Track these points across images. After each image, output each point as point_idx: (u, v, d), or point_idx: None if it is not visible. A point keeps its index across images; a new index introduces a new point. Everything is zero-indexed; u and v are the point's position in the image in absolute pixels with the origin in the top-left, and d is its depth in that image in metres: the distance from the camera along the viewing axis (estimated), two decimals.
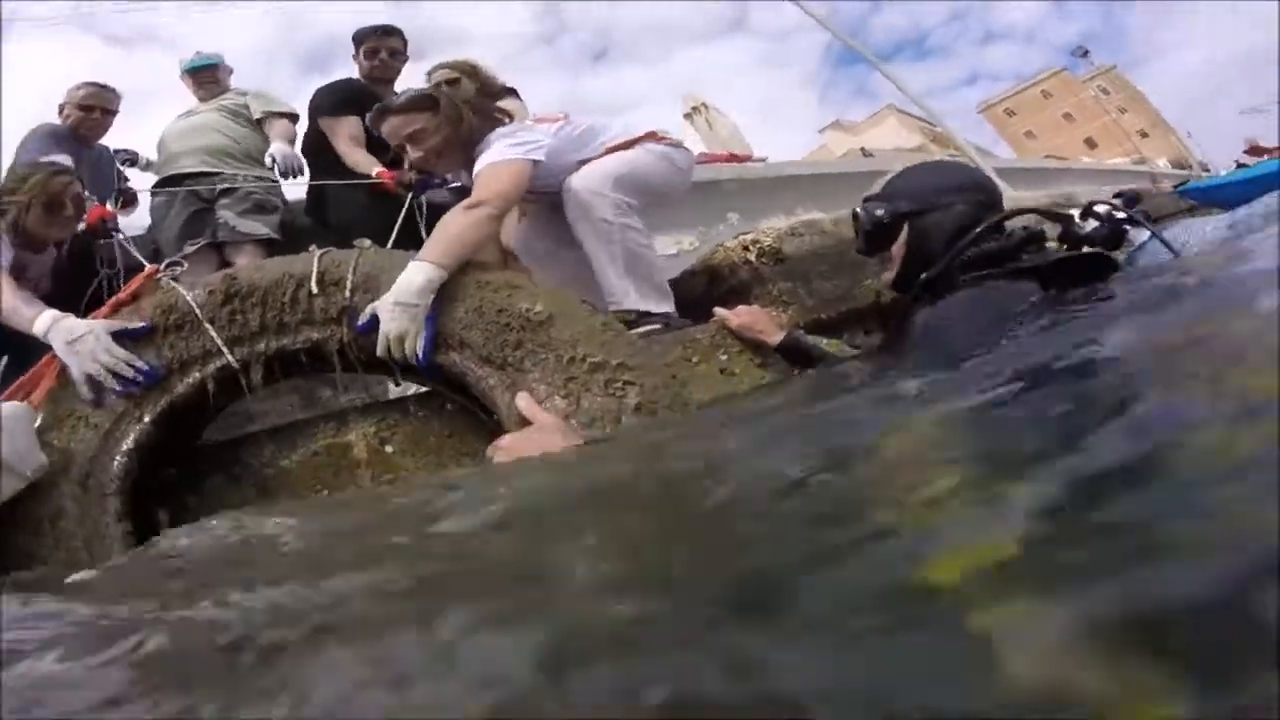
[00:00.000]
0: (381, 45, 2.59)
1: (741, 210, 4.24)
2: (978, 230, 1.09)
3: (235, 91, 2.84)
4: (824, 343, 1.58)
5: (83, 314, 1.43)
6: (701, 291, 2.02)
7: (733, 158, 5.58)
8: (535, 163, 1.57)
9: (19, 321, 1.46)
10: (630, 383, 1.28)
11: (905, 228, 1.21)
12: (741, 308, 1.69)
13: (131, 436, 1.33)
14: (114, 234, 2.17)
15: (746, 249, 1.98)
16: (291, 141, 2.62)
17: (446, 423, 1.47)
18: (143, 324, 1.32)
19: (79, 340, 1.30)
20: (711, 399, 1.45)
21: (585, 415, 1.26)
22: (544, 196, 1.86)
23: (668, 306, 1.85)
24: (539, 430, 0.91)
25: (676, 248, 3.92)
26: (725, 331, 1.64)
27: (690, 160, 2.09)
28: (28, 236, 1.84)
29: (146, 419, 1.33)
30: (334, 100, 2.48)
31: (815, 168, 5.32)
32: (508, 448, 0.84)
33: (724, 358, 1.61)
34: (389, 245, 1.62)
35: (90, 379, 1.30)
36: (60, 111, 2.60)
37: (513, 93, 2.37)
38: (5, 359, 1.73)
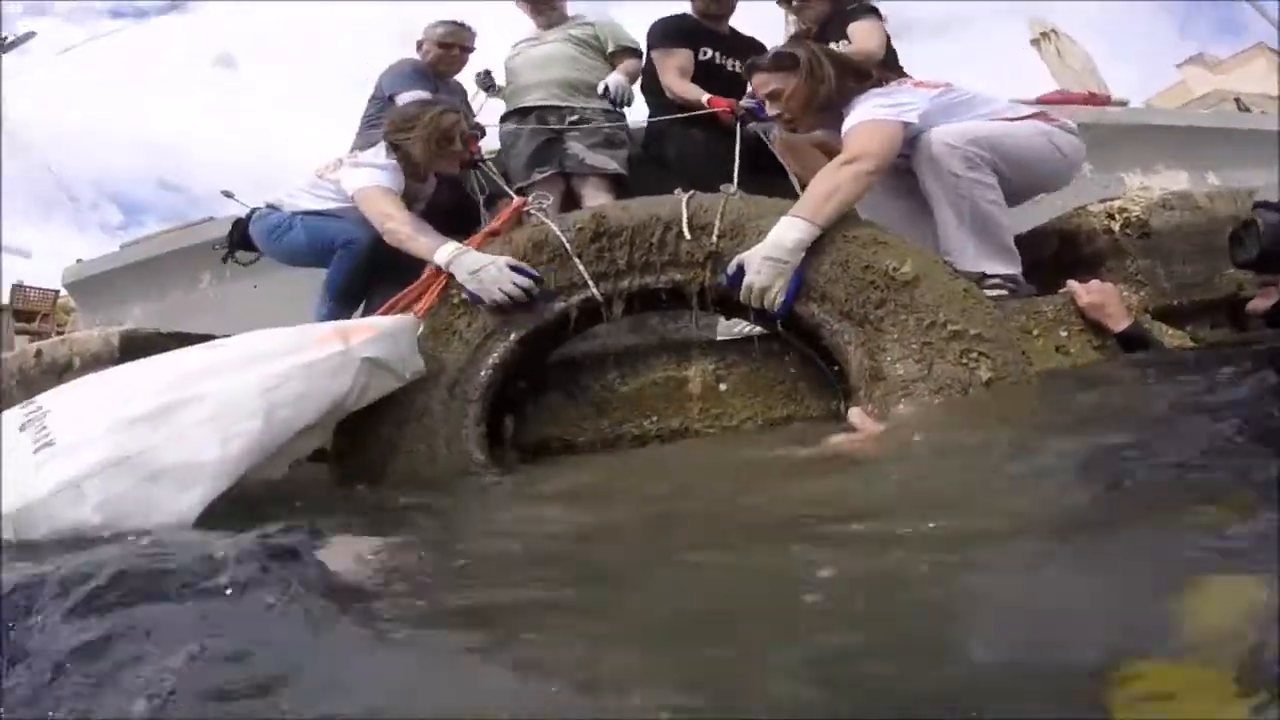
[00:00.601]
0: None
1: (1096, 160, 3.68)
2: None
3: (580, 20, 2.86)
4: (1169, 333, 1.50)
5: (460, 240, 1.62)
6: (1051, 255, 1.92)
7: (1090, 99, 4.82)
8: (906, 125, 1.56)
9: (417, 249, 1.65)
10: (984, 355, 1.27)
11: None
12: (1094, 283, 1.58)
13: (497, 353, 1.49)
14: (480, 164, 2.34)
15: (1112, 216, 1.83)
16: (635, 77, 2.62)
17: (780, 371, 1.51)
18: (536, 273, 1.48)
19: (482, 270, 1.47)
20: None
21: (934, 382, 1.27)
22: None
23: (1013, 268, 1.74)
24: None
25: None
26: (1071, 305, 1.55)
27: (1080, 149, 1.92)
28: (415, 169, 2.06)
29: (513, 338, 1.49)
30: (665, 32, 2.50)
31: (1183, 118, 4.60)
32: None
33: (1064, 334, 1.53)
34: (734, 183, 1.66)
35: (493, 302, 1.48)
36: (419, 48, 2.79)
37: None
38: None
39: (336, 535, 0.93)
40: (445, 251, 1.57)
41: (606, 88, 2.53)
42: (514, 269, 1.47)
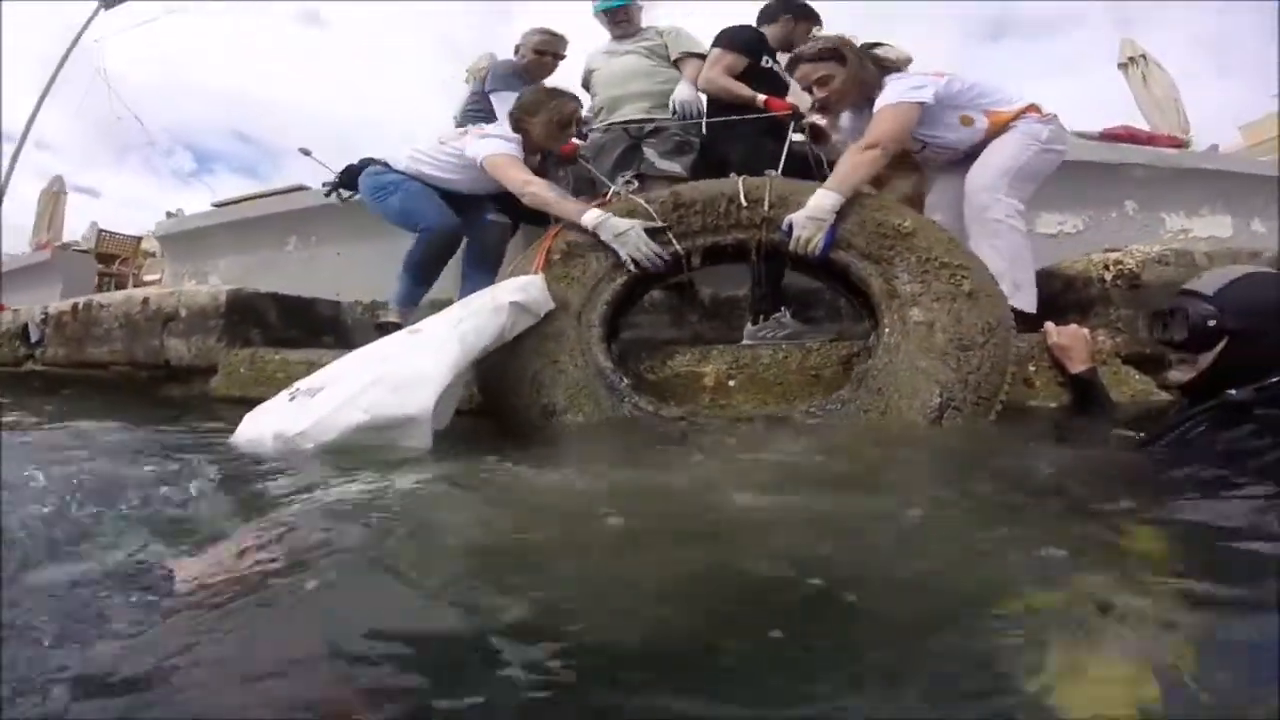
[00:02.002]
0: (797, 20, 2.95)
1: (1140, 199, 3.80)
2: None
3: (652, 30, 3.20)
4: (1136, 378, 1.87)
5: None
6: (1052, 294, 2.18)
7: (1150, 140, 5.01)
8: (923, 105, 2.00)
9: (563, 210, 2.08)
10: (966, 276, 1.77)
11: (1225, 340, 1.20)
12: (1068, 328, 1.85)
13: (609, 292, 2.01)
14: (581, 159, 2.85)
15: (1106, 267, 2.09)
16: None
17: (779, 374, 1.91)
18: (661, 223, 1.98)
19: (624, 234, 1.94)
20: None
21: (932, 294, 1.76)
22: (936, 153, 2.29)
23: (1029, 305, 2.07)
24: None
25: (1059, 228, 3.75)
26: (1043, 344, 1.85)
27: (1067, 139, 2.33)
28: (533, 147, 2.48)
29: (618, 282, 2.01)
30: (732, 39, 2.86)
31: (1230, 163, 4.40)
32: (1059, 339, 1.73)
33: (1032, 368, 1.84)
34: (779, 170, 2.15)
35: (640, 261, 1.96)
36: (516, 51, 3.27)
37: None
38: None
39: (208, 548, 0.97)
40: (592, 215, 1.98)
41: (674, 107, 2.92)
42: (640, 235, 1.93)
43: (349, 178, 2.82)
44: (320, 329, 3.33)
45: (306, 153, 3.75)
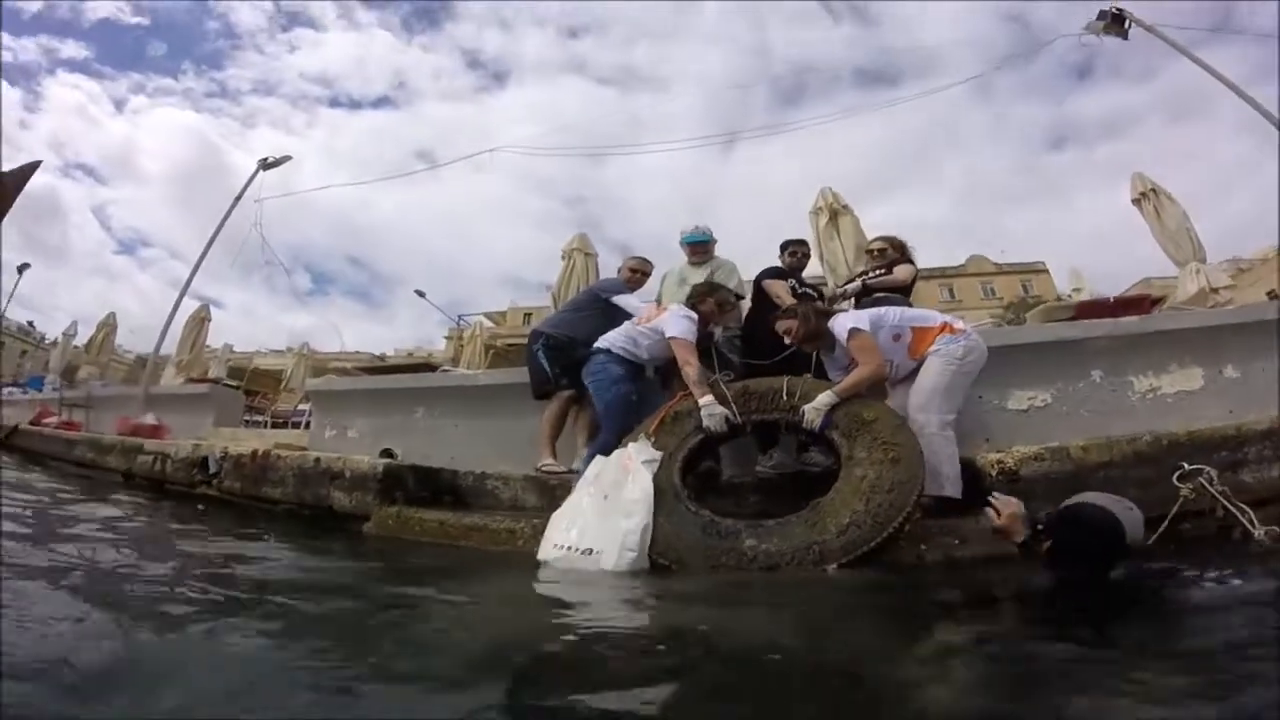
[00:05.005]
0: (798, 250, 4.65)
1: (1105, 367, 4.05)
2: None
3: (720, 259, 4.76)
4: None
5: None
6: (968, 480, 3.03)
7: (1119, 307, 5.68)
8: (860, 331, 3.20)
9: (696, 390, 3.41)
10: (897, 449, 3.03)
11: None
12: (1006, 508, 2.36)
13: (690, 444, 3.41)
14: (714, 340, 4.12)
15: (996, 464, 2.97)
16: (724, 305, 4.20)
17: (785, 503, 3.06)
18: (737, 420, 3.42)
19: (712, 415, 3.37)
20: None
21: (872, 460, 3.05)
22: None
23: (955, 493, 2.96)
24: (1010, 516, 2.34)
25: (1029, 404, 4.07)
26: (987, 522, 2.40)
27: (981, 347, 3.28)
28: (703, 322, 3.85)
29: (692, 442, 3.42)
30: (776, 273, 4.52)
31: (1192, 319, 4.41)
32: (1000, 522, 2.36)
33: (923, 547, 2.74)
34: (811, 372, 3.64)
35: (711, 428, 3.36)
36: (619, 271, 4.89)
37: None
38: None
39: None
40: (706, 398, 3.35)
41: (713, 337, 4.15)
42: (725, 413, 3.33)
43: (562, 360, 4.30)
44: (443, 491, 4.19)
45: (421, 294, 5.64)
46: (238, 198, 11.17)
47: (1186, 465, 2.65)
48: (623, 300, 4.53)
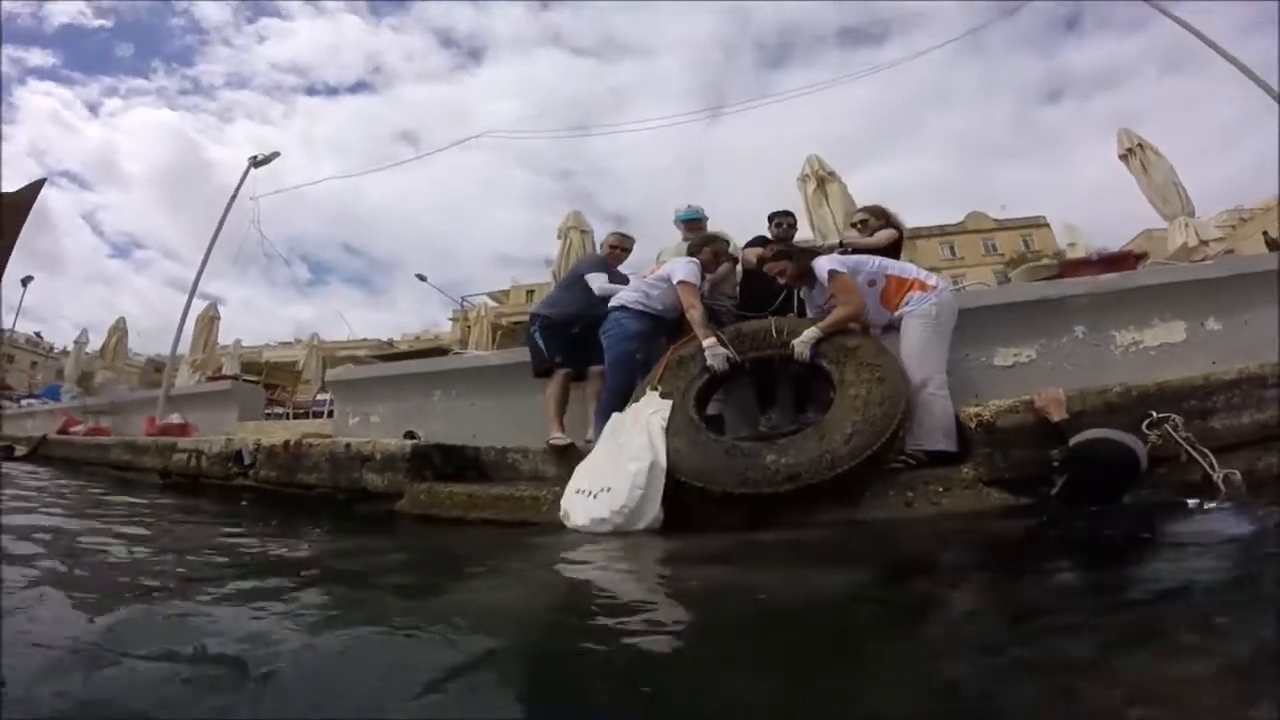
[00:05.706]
0: (784, 220, 4.96)
1: (1088, 323, 4.16)
2: None
3: (714, 234, 4.80)
4: (995, 495, 2.74)
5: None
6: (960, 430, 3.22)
7: (1102, 264, 5.78)
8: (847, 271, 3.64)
9: (700, 331, 3.72)
10: (880, 370, 3.37)
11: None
12: (1049, 390, 2.75)
13: (699, 384, 3.77)
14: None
15: (973, 418, 3.09)
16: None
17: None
18: (736, 359, 3.75)
19: (715, 355, 3.71)
20: None
21: (861, 380, 3.38)
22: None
23: (951, 447, 3.15)
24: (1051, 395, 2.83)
25: (1014, 359, 4.21)
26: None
27: (952, 301, 3.56)
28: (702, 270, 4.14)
29: (698, 383, 3.77)
30: (754, 242, 4.87)
31: (1177, 274, 4.43)
32: (1040, 401, 2.85)
33: (910, 493, 2.93)
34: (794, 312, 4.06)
35: (715, 367, 3.71)
36: (600, 247, 5.18)
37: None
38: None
39: None
40: (710, 340, 3.65)
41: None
42: (726, 353, 3.68)
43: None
44: (466, 466, 4.45)
45: (423, 278, 5.82)
46: (233, 198, 11.36)
47: (1154, 414, 2.78)
48: (591, 279, 4.65)
